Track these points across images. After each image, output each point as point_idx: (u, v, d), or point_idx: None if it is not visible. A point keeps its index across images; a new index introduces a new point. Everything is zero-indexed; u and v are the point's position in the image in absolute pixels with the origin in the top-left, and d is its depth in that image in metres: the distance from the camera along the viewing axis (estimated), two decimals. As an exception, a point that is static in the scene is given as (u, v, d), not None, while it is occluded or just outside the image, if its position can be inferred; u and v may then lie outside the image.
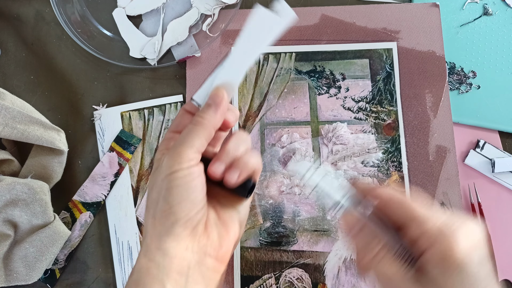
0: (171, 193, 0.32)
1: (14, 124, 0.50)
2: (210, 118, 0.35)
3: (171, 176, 0.32)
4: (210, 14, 0.60)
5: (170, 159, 0.33)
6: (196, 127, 0.34)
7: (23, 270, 0.50)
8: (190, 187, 0.33)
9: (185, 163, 0.33)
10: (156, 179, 0.34)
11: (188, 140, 0.34)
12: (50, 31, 0.63)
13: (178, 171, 0.32)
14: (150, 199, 0.34)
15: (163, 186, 0.33)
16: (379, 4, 0.61)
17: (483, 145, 0.56)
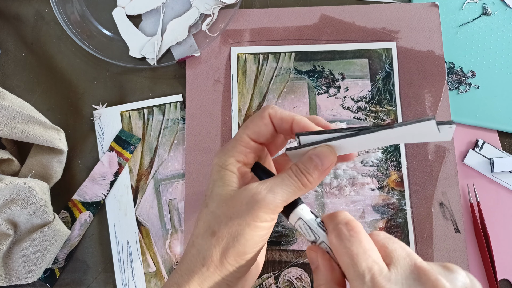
0: (252, 245, 0.33)
1: (14, 123, 0.50)
2: (313, 182, 0.34)
3: (259, 225, 0.32)
4: (209, 14, 0.61)
5: (264, 205, 0.32)
6: (301, 188, 0.33)
7: (23, 269, 0.50)
8: (264, 241, 0.34)
9: (274, 217, 0.33)
10: (240, 214, 0.32)
11: (286, 194, 0.33)
12: (49, 30, 0.63)
13: (265, 222, 0.33)
14: (226, 230, 0.33)
15: (246, 233, 0.32)
16: (378, 4, 0.61)
17: (482, 144, 0.56)
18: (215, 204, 0.34)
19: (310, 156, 0.33)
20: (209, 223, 0.34)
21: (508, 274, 0.53)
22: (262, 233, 0.33)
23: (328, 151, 0.33)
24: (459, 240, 0.53)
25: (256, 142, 0.36)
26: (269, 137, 0.37)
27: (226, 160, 0.35)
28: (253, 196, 0.32)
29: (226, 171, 0.35)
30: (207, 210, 0.35)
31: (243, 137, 0.36)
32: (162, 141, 0.58)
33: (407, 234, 0.53)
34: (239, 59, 0.59)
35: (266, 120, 0.36)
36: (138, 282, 0.54)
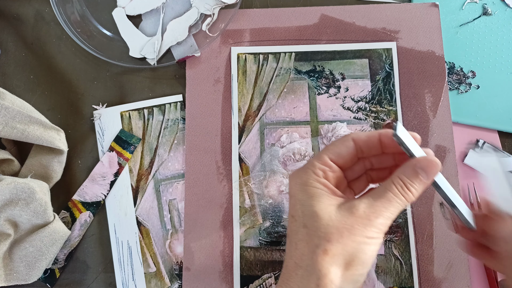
0: (368, 259, 0.32)
1: (14, 123, 0.50)
2: (417, 195, 0.33)
3: (373, 241, 0.32)
4: (209, 14, 0.61)
5: (377, 225, 0.32)
6: (404, 203, 0.33)
7: (23, 269, 0.50)
8: (375, 256, 0.35)
9: (384, 234, 0.33)
10: (353, 231, 0.32)
11: (392, 211, 0.33)
12: (50, 31, 0.63)
13: (377, 239, 0.33)
14: (340, 246, 0.32)
15: (363, 248, 0.32)
16: (378, 4, 0.61)
17: (482, 145, 0.56)
18: (317, 223, 0.33)
19: (415, 170, 0.33)
20: (315, 243, 0.33)
21: (509, 274, 0.53)
22: (377, 248, 0.33)
23: (434, 162, 0.33)
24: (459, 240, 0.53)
25: (336, 164, 0.36)
26: (349, 160, 0.36)
27: (308, 177, 0.35)
28: (363, 219, 0.32)
29: (313, 189, 0.34)
30: (307, 230, 0.33)
31: (322, 157, 0.36)
32: (162, 141, 0.58)
33: (407, 234, 0.53)
34: (239, 59, 0.59)
35: (348, 143, 0.36)
36: (138, 282, 0.54)
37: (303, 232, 0.34)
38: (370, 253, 0.32)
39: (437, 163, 0.33)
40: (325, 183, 0.35)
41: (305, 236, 0.33)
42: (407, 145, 0.33)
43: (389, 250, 0.53)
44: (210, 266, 0.53)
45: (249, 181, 0.56)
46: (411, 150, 0.33)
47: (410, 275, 0.52)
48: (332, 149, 0.36)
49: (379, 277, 0.52)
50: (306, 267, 0.33)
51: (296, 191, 0.35)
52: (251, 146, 0.57)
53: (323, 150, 0.36)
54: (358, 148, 0.36)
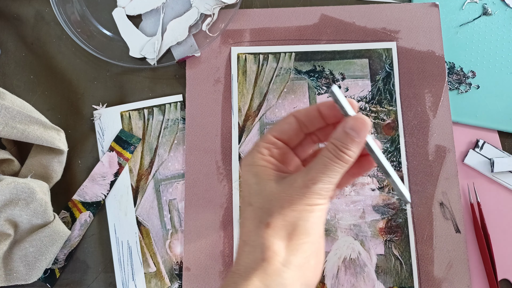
0: (312, 226, 0.32)
1: (14, 123, 0.50)
2: (354, 156, 0.33)
3: (316, 208, 0.32)
4: (209, 14, 0.61)
5: (317, 190, 0.32)
6: (343, 165, 0.32)
7: (23, 269, 0.50)
8: (323, 223, 0.34)
9: (327, 199, 0.33)
10: (293, 201, 0.32)
11: (332, 175, 0.32)
12: (50, 31, 0.63)
13: (321, 205, 0.33)
14: (281, 218, 0.32)
15: (304, 216, 0.32)
16: (378, 4, 0.61)
17: (482, 144, 0.56)
18: (260, 199, 0.34)
19: (345, 131, 0.32)
20: (259, 218, 0.33)
21: (509, 274, 0.53)
22: (319, 214, 0.33)
23: (362, 120, 0.32)
24: (459, 240, 0.53)
25: (280, 140, 0.36)
26: (294, 135, 0.36)
27: (253, 158, 0.35)
28: (301, 188, 0.32)
29: (257, 167, 0.35)
30: (252, 207, 0.34)
31: (266, 136, 0.36)
32: (162, 141, 0.58)
33: (407, 234, 0.53)
34: (239, 59, 0.59)
35: (289, 119, 0.36)
36: (138, 282, 0.54)
37: (249, 210, 0.34)
38: (312, 220, 0.32)
39: (365, 120, 0.32)
40: (269, 160, 0.35)
41: (251, 213, 0.34)
42: (341, 102, 0.33)
43: (389, 250, 0.53)
44: (210, 266, 0.53)
45: (249, 181, 0.56)
46: (345, 108, 0.33)
47: (410, 275, 0.52)
48: (275, 128, 0.36)
49: (379, 277, 0.52)
50: (251, 242, 0.33)
51: (244, 173, 0.36)
52: (252, 146, 0.57)
53: (268, 130, 0.36)
54: (301, 123, 0.36)
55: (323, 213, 0.33)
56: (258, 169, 0.35)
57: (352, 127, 0.32)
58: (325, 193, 0.32)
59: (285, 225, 0.32)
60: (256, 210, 0.34)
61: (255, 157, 0.35)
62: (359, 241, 0.53)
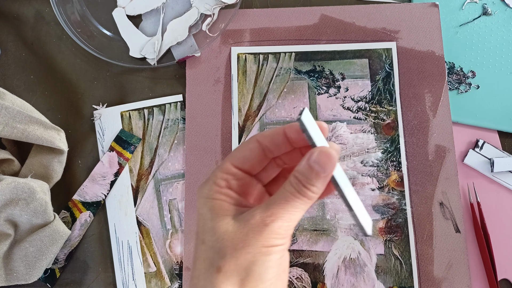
0: (268, 271, 0.29)
1: (14, 123, 0.50)
2: (319, 192, 0.30)
3: (272, 250, 0.29)
4: (209, 14, 0.61)
5: (274, 230, 0.29)
6: (306, 202, 0.30)
7: (23, 269, 0.50)
8: (282, 266, 0.31)
9: (287, 239, 0.30)
10: (247, 243, 0.29)
11: (293, 212, 0.29)
12: (50, 31, 0.63)
13: (279, 246, 0.30)
14: (233, 261, 0.29)
15: (259, 259, 0.29)
16: (378, 4, 0.61)
17: (482, 144, 0.56)
18: (213, 238, 0.30)
19: (309, 165, 0.29)
20: (210, 260, 0.30)
21: (509, 274, 0.53)
22: (277, 256, 0.30)
23: (328, 153, 0.29)
24: (459, 240, 0.53)
25: (241, 170, 0.33)
26: (257, 162, 0.33)
27: (209, 190, 0.32)
28: (258, 225, 0.29)
29: (213, 201, 0.31)
30: (204, 246, 0.31)
31: (225, 165, 0.33)
32: (162, 141, 0.58)
33: (407, 234, 0.53)
34: (239, 59, 0.59)
35: (251, 145, 0.33)
36: (138, 282, 0.54)
37: (201, 248, 0.31)
38: (269, 264, 0.29)
39: (330, 153, 0.29)
40: (226, 193, 0.32)
41: (203, 253, 0.31)
42: (309, 132, 0.30)
43: (389, 250, 0.53)
44: (210, 266, 0.53)
45: (249, 181, 0.56)
46: (313, 139, 0.30)
47: (410, 275, 0.52)
48: (235, 155, 0.33)
49: (379, 277, 0.52)
50: (200, 284, 0.30)
51: (199, 206, 0.32)
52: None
53: (227, 157, 0.33)
54: (266, 148, 0.33)
55: (282, 254, 0.30)
56: (214, 203, 0.31)
57: (317, 160, 0.29)
58: (284, 232, 0.29)
59: (238, 270, 0.29)
60: (208, 249, 0.30)
61: (211, 189, 0.32)
62: (359, 241, 0.53)
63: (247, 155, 0.33)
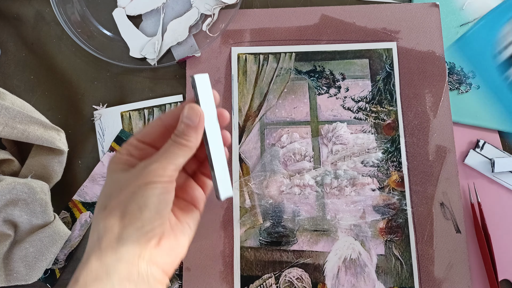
0: (146, 202, 0.33)
1: (14, 124, 0.50)
2: (193, 140, 0.36)
3: (150, 185, 0.34)
4: (210, 14, 0.61)
5: (152, 170, 0.34)
6: (182, 149, 0.36)
7: (23, 270, 0.50)
8: (163, 200, 0.34)
9: (166, 177, 0.34)
10: (130, 183, 0.34)
11: (172, 157, 0.35)
12: (50, 31, 0.63)
13: (157, 183, 0.34)
14: (117, 199, 0.34)
15: (138, 192, 0.34)
16: (379, 4, 0.61)
17: (482, 145, 0.56)
18: (106, 187, 0.36)
19: (181, 120, 0.36)
20: (101, 203, 0.35)
21: (509, 274, 0.53)
22: (156, 192, 0.34)
23: (195, 108, 0.36)
24: (460, 240, 0.52)
25: (143, 142, 0.38)
26: (158, 136, 0.38)
27: (113, 157, 0.38)
28: (139, 169, 0.35)
29: (112, 164, 0.37)
30: (99, 197, 0.36)
31: (129, 139, 0.39)
32: (162, 142, 0.58)
33: (408, 234, 0.53)
34: (240, 59, 0.59)
35: (154, 122, 0.39)
36: (139, 282, 0.54)
37: (99, 200, 0.36)
38: (146, 198, 0.34)
39: (197, 108, 0.36)
40: (125, 159, 0.37)
41: (98, 203, 0.36)
42: (198, 91, 0.36)
43: (390, 250, 0.53)
44: (210, 266, 0.53)
45: (249, 181, 0.56)
46: (198, 96, 0.36)
47: (410, 275, 0.52)
48: (140, 131, 0.39)
49: (380, 277, 0.52)
50: (93, 228, 0.35)
51: (107, 171, 0.38)
52: (252, 146, 0.57)
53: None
54: (168, 124, 0.38)
55: (161, 192, 0.34)
56: (112, 166, 0.37)
57: (187, 114, 0.36)
58: (163, 173, 0.34)
59: (119, 205, 0.34)
60: (101, 198, 0.36)
61: (113, 158, 0.38)
62: (359, 241, 0.53)
63: (149, 130, 0.38)
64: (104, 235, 0.33)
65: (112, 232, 0.33)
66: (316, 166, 0.56)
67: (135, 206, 0.33)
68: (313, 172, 0.55)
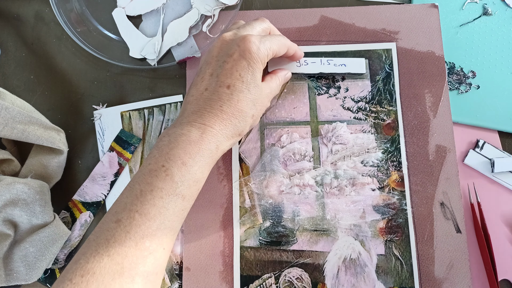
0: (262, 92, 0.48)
1: (14, 124, 0.50)
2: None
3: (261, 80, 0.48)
4: (210, 15, 0.61)
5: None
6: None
7: (23, 269, 0.50)
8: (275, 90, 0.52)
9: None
10: (253, 64, 0.46)
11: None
12: (50, 31, 0.63)
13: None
14: (240, 79, 0.45)
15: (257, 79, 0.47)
16: (378, 5, 0.61)
17: (482, 145, 0.56)
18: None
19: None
20: (216, 77, 0.48)
21: (509, 274, 0.53)
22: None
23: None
24: (460, 240, 0.52)
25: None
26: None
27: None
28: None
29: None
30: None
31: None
32: (162, 142, 0.58)
33: (408, 234, 0.53)
34: (240, 59, 0.59)
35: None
36: (138, 282, 0.54)
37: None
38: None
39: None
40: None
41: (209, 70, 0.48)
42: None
43: (390, 250, 0.53)
44: (210, 266, 0.53)
45: (249, 181, 0.56)
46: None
47: (410, 275, 0.52)
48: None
49: (380, 277, 0.52)
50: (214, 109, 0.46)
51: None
52: (251, 146, 0.57)
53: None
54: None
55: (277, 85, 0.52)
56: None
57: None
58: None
59: (245, 81, 0.47)
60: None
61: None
62: (359, 241, 0.53)
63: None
64: (220, 114, 0.46)
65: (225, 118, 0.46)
66: (316, 166, 0.56)
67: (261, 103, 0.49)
68: (313, 172, 0.55)
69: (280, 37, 0.51)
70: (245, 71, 0.46)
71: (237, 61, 0.46)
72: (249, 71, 0.46)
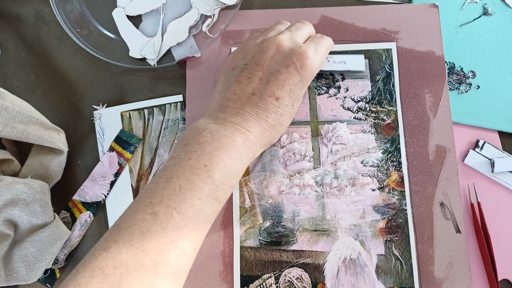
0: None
1: (14, 124, 0.50)
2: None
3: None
4: (210, 15, 0.61)
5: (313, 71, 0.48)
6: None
7: (23, 270, 0.50)
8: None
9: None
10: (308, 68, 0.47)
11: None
12: (50, 31, 0.63)
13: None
14: (289, 94, 0.46)
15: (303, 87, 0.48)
16: (378, 4, 0.61)
17: (482, 145, 0.56)
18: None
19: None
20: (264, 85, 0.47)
21: (509, 274, 0.53)
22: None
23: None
24: (460, 240, 0.52)
25: None
26: None
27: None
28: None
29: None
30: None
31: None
32: (162, 141, 0.58)
33: (408, 234, 0.53)
34: (240, 59, 0.59)
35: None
36: (138, 282, 0.54)
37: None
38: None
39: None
40: None
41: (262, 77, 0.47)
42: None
43: (390, 250, 0.53)
44: (210, 266, 0.53)
45: (249, 181, 0.56)
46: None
47: (410, 275, 0.52)
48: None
49: (379, 277, 0.52)
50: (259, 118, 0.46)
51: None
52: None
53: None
54: None
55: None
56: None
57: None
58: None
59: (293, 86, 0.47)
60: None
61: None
62: (359, 241, 0.53)
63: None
64: (266, 123, 0.46)
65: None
66: (316, 166, 0.56)
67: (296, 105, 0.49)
68: (313, 172, 0.55)
69: (327, 41, 0.52)
70: (296, 86, 0.46)
71: (291, 75, 0.46)
72: (299, 87, 0.46)
